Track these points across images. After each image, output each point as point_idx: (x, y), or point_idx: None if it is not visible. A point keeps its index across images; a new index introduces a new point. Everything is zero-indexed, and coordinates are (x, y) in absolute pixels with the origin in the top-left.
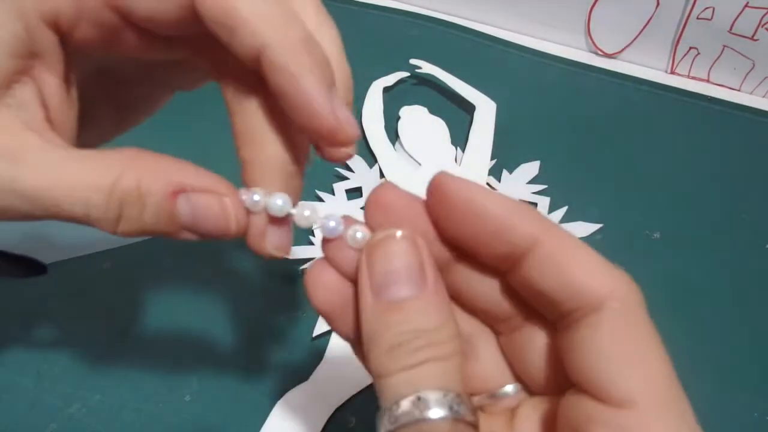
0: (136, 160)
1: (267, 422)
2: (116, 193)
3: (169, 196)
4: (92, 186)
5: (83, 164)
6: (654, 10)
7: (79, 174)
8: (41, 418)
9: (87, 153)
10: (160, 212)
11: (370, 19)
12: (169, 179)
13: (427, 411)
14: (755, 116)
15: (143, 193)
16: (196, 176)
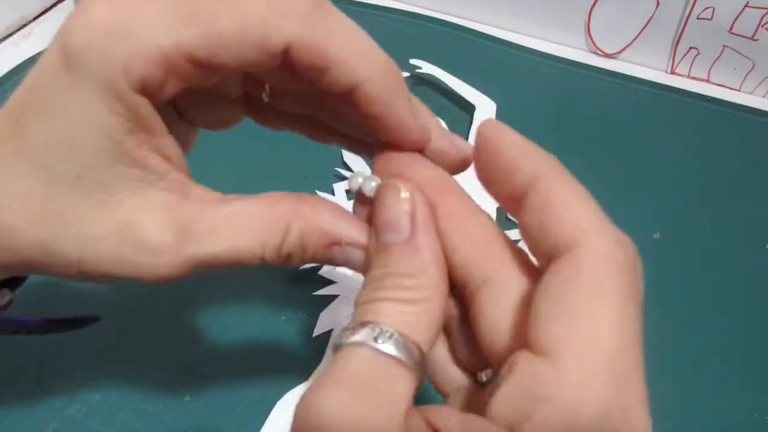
0: (297, 213)
1: (267, 422)
2: (285, 248)
3: (325, 248)
4: (266, 244)
5: (252, 225)
6: (654, 10)
7: (253, 237)
8: (41, 418)
9: (246, 209)
10: (318, 258)
11: (370, 19)
12: (325, 233)
13: (368, 339)
14: (755, 116)
15: (305, 246)
16: (346, 227)
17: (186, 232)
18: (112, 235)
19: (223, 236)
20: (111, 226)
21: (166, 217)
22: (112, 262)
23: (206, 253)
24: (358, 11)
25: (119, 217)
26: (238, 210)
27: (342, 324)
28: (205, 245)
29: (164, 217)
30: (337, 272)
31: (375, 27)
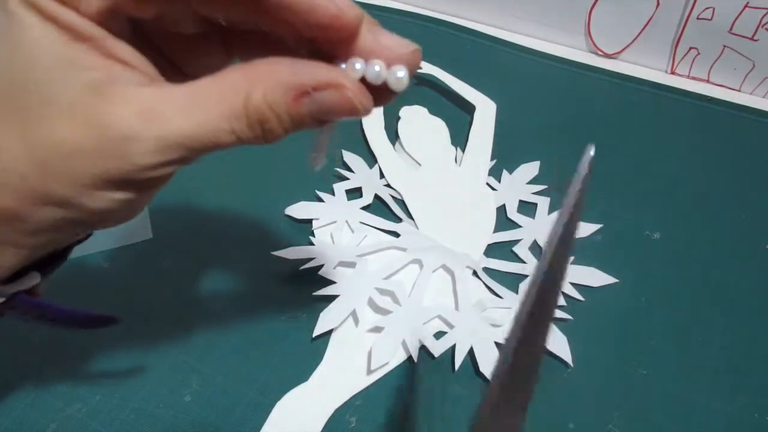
0: (253, 76)
1: (267, 422)
2: (252, 115)
3: (295, 102)
4: (231, 116)
5: (211, 97)
6: (654, 11)
7: (214, 108)
8: (41, 418)
9: (204, 84)
10: (294, 117)
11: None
12: (287, 86)
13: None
14: (755, 116)
15: (273, 107)
16: (310, 73)
17: (149, 115)
18: (80, 133)
19: (187, 113)
20: (77, 125)
21: (128, 105)
22: (90, 162)
23: (174, 132)
24: None
25: (82, 115)
26: (197, 87)
27: (342, 324)
28: (172, 124)
29: (126, 105)
30: (337, 272)
31: None
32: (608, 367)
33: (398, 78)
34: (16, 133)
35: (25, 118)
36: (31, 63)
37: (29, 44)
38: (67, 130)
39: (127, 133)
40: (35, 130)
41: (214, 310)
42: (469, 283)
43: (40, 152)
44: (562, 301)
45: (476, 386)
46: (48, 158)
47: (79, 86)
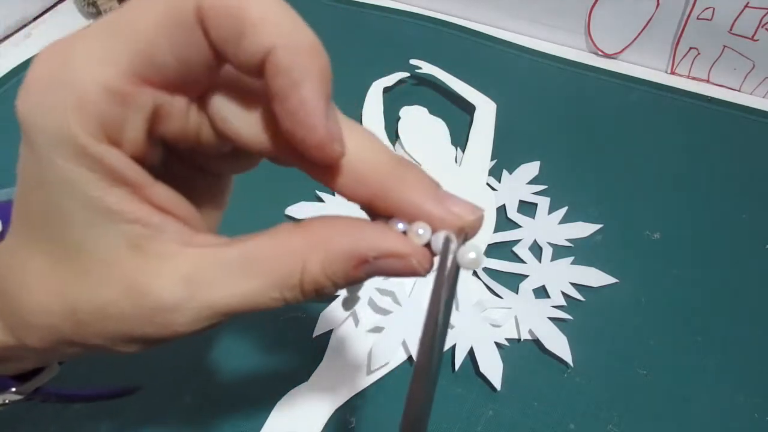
0: (311, 245)
1: (267, 422)
2: (307, 285)
3: (356, 270)
4: (284, 286)
5: (263, 266)
6: (654, 11)
7: (266, 278)
8: (41, 418)
9: (255, 248)
10: (351, 280)
11: (370, 19)
12: (350, 257)
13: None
14: (755, 116)
15: (332, 276)
16: (373, 241)
17: (195, 284)
18: (121, 299)
19: (233, 283)
20: (118, 290)
21: (169, 270)
22: (130, 326)
23: (218, 302)
24: (358, 11)
25: (123, 279)
26: (247, 251)
27: (342, 324)
28: (216, 294)
29: (168, 270)
30: None
31: (375, 27)
32: (608, 367)
33: (470, 259)
34: (52, 286)
35: (62, 271)
36: (66, 213)
37: (62, 191)
38: (107, 293)
39: (169, 303)
40: (73, 288)
41: None
42: (469, 283)
43: (77, 312)
44: (562, 300)
45: (476, 386)
46: (85, 318)
47: (120, 242)
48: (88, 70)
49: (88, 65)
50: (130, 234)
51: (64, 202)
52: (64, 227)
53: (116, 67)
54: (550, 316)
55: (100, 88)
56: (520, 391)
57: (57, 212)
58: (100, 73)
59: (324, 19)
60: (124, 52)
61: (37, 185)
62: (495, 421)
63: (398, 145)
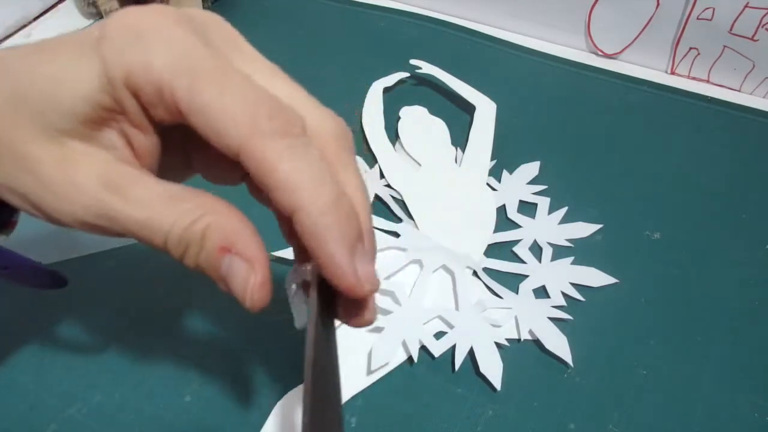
0: (212, 211)
1: (267, 422)
2: (187, 233)
3: (218, 250)
4: (174, 224)
5: (169, 202)
6: (654, 11)
7: (167, 213)
8: (41, 418)
9: (173, 191)
10: (210, 260)
11: (370, 19)
12: (225, 236)
13: None
14: (755, 116)
15: (204, 240)
16: (246, 242)
17: (113, 186)
18: (49, 163)
19: (142, 204)
20: (53, 156)
21: (103, 168)
22: (39, 184)
23: (121, 212)
24: (358, 11)
25: (64, 153)
26: (164, 193)
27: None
28: (124, 206)
29: (101, 167)
30: None
31: (375, 27)
32: (608, 367)
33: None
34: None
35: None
36: (71, 90)
37: (82, 79)
38: (43, 152)
39: (81, 186)
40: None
41: (214, 310)
42: (469, 284)
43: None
44: (562, 301)
45: (476, 386)
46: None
47: (83, 138)
48: (160, 53)
49: (163, 49)
50: (95, 139)
51: (71, 85)
52: (51, 99)
53: (172, 75)
54: (550, 316)
55: (155, 73)
56: (520, 391)
57: (57, 85)
58: (164, 61)
59: (324, 19)
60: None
61: (60, 54)
62: (495, 421)
63: (398, 145)
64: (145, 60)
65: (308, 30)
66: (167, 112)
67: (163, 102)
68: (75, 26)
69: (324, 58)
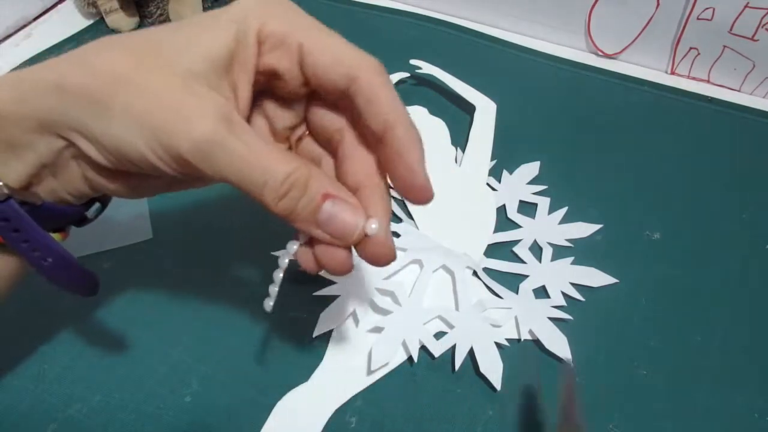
0: (308, 165)
1: (267, 422)
2: (291, 178)
3: (323, 196)
4: (279, 169)
5: (273, 151)
6: (654, 11)
7: (272, 158)
8: (41, 418)
9: (273, 143)
10: (310, 204)
11: (370, 19)
12: (326, 187)
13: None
14: (755, 116)
15: (308, 186)
16: (342, 192)
17: (228, 123)
18: (177, 88)
19: (250, 146)
20: (179, 85)
21: (222, 107)
22: (158, 106)
23: (232, 147)
24: (358, 11)
25: (190, 87)
26: (269, 142)
27: (342, 324)
28: (235, 141)
29: (220, 106)
30: None
31: (375, 27)
32: (608, 367)
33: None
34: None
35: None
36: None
37: (219, 36)
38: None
39: (205, 112)
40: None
41: (214, 311)
42: (469, 284)
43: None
44: (562, 301)
45: (476, 386)
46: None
47: (210, 85)
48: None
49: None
50: (218, 87)
51: (210, 42)
52: (191, 52)
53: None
54: (550, 316)
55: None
56: (520, 391)
57: (198, 43)
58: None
59: (324, 19)
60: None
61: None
62: (495, 421)
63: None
64: (274, 14)
65: None
66: (285, 56)
67: (285, 45)
68: (75, 26)
69: None
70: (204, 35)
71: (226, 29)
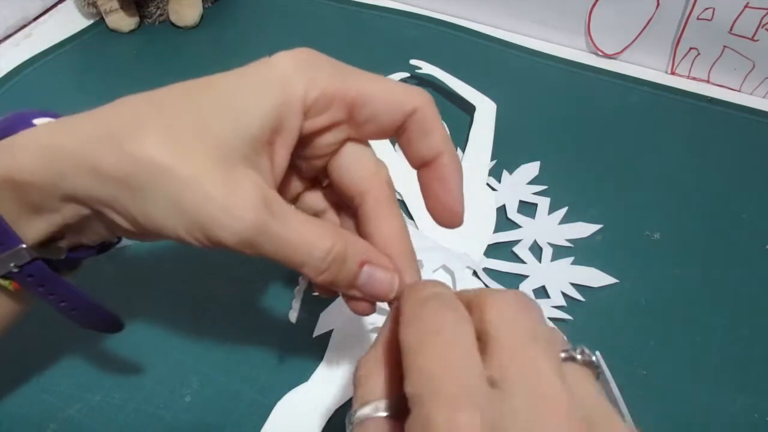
0: (344, 235)
1: (267, 422)
2: (331, 254)
3: (360, 263)
4: (319, 246)
5: (312, 228)
6: (654, 11)
7: (310, 235)
8: (41, 418)
9: (310, 218)
10: (349, 273)
11: (370, 19)
12: (361, 253)
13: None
14: (755, 116)
15: (346, 258)
16: (377, 257)
17: (270, 208)
18: (217, 181)
19: (292, 227)
20: (220, 176)
21: (262, 190)
22: (203, 200)
23: (277, 232)
24: (358, 11)
25: (230, 175)
26: (304, 218)
27: (342, 324)
28: (280, 227)
29: (261, 189)
30: None
31: (375, 27)
32: (608, 367)
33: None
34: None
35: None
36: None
37: (262, 107)
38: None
39: (248, 204)
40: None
41: (214, 311)
42: (469, 284)
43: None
44: (562, 301)
45: None
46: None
47: (248, 160)
48: (326, 78)
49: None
50: (255, 163)
51: (249, 113)
52: (230, 125)
53: (344, 89)
54: (550, 316)
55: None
56: None
57: (235, 113)
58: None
59: (324, 19)
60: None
61: (240, 87)
62: None
63: (398, 145)
64: (318, 76)
65: (308, 30)
66: (334, 114)
67: (335, 103)
68: (75, 26)
69: None
70: (245, 104)
71: (269, 97)
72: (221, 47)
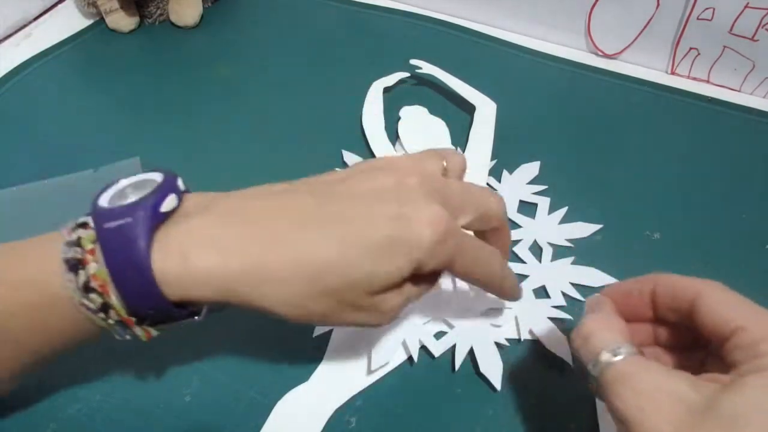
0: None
1: (267, 422)
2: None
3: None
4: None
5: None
6: (654, 11)
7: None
8: (41, 418)
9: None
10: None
11: (370, 19)
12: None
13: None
14: (755, 116)
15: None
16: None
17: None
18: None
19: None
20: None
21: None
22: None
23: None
24: (358, 11)
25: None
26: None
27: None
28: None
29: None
30: None
31: (375, 27)
32: None
33: None
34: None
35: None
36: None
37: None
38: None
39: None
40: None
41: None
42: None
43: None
44: (562, 301)
45: (476, 386)
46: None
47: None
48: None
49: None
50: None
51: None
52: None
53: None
54: (550, 316)
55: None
56: (520, 391)
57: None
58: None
59: (324, 19)
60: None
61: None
62: (495, 421)
63: (398, 145)
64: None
65: (308, 30)
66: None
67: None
68: (75, 26)
69: (324, 58)
70: (386, 277)
71: (403, 266)
72: (221, 47)
